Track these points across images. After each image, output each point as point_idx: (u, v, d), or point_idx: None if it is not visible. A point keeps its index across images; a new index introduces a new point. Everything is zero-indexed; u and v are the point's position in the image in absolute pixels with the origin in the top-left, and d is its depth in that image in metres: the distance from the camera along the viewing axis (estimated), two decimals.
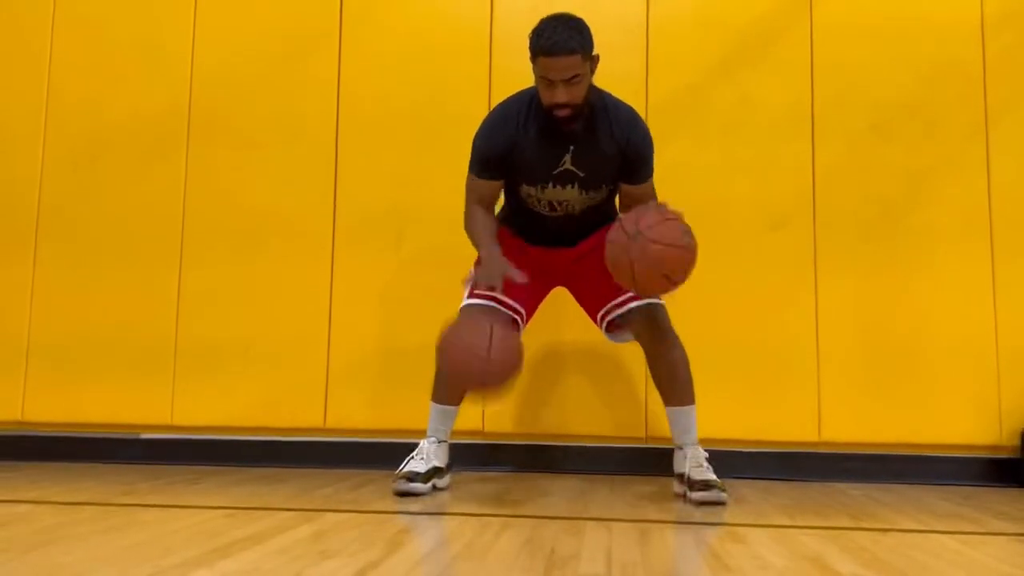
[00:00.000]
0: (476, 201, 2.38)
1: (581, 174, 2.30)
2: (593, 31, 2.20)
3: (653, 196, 2.34)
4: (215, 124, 3.15)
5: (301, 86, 3.15)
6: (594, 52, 2.21)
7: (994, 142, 2.92)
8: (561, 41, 2.14)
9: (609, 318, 2.41)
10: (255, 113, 3.14)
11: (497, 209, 2.47)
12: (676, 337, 2.37)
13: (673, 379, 2.37)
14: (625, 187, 2.37)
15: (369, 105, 3.11)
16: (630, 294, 2.34)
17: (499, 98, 2.44)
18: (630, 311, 2.36)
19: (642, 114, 2.38)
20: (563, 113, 2.20)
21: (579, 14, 2.25)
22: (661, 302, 2.37)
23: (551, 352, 2.97)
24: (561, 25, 2.17)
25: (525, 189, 2.36)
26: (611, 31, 2.23)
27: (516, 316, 2.40)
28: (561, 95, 2.17)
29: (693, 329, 2.46)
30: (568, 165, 2.30)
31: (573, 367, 2.98)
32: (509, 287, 2.28)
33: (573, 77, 2.15)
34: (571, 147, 2.28)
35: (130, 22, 3.24)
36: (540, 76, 2.19)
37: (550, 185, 2.32)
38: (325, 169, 3.10)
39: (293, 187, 3.10)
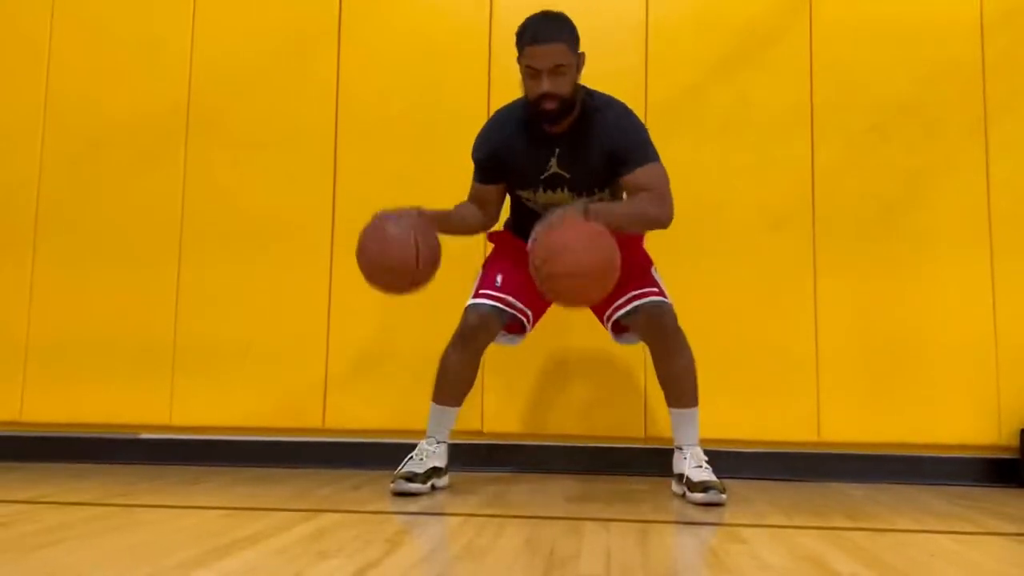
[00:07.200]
0: (469, 200, 2.46)
1: (568, 176, 2.31)
2: (593, 31, 2.23)
3: (660, 185, 2.23)
4: (214, 123, 3.15)
5: (301, 86, 3.15)
6: (580, 50, 2.24)
7: (993, 142, 2.92)
8: (545, 30, 2.20)
9: (615, 317, 2.40)
10: (254, 113, 3.14)
11: (504, 216, 2.52)
12: (684, 339, 2.34)
13: (678, 381, 2.35)
14: (626, 181, 2.27)
15: (369, 105, 3.11)
16: (635, 292, 2.33)
17: (498, 98, 2.46)
18: (635, 309, 2.34)
19: (641, 114, 2.38)
20: (549, 106, 2.20)
21: (579, 14, 2.29)
22: (668, 301, 2.36)
23: (551, 352, 2.97)
24: (545, 17, 2.24)
25: (520, 194, 2.40)
26: (611, 31, 2.24)
27: (523, 317, 2.40)
28: (546, 84, 2.18)
29: (692, 329, 2.45)
30: (555, 168, 2.31)
31: (573, 367, 2.98)
32: (517, 289, 2.32)
33: (558, 67, 2.18)
34: (556, 150, 2.30)
35: (129, 21, 3.23)
36: (526, 67, 2.22)
37: (541, 189, 2.35)
38: (324, 169, 3.09)
39: (292, 187, 3.10)
